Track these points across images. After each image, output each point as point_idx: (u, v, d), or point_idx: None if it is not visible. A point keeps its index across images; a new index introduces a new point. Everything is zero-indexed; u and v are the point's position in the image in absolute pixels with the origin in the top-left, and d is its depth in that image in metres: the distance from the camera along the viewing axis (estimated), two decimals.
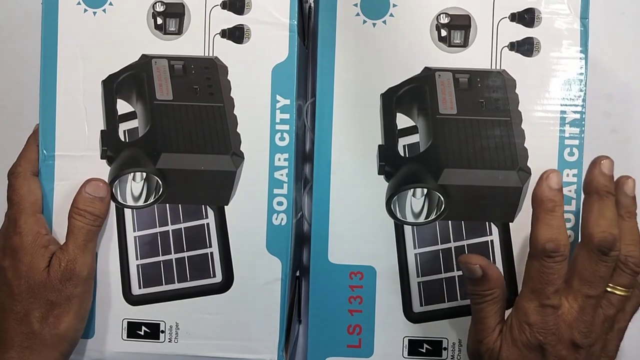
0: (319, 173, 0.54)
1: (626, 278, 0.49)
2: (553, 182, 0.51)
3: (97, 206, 0.53)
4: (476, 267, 0.50)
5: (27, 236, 0.52)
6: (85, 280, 0.53)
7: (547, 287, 0.48)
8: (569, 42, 0.53)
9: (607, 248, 0.48)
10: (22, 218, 0.53)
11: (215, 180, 0.54)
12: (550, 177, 0.51)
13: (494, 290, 0.50)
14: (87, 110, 0.54)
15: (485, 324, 0.50)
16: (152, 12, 0.54)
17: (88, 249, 0.53)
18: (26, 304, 0.51)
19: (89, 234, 0.53)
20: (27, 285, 0.51)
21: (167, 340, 0.55)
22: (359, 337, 0.55)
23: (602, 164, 0.50)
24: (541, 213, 0.50)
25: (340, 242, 0.54)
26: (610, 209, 0.49)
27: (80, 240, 0.53)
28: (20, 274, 0.52)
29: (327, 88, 0.54)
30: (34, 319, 0.51)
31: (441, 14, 0.53)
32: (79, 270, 0.52)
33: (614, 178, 0.51)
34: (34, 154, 0.54)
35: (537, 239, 0.49)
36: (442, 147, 0.53)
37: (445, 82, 0.53)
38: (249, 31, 0.53)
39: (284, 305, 0.54)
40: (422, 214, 0.54)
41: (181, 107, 0.54)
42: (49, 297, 0.51)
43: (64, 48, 0.54)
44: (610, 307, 0.49)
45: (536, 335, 0.48)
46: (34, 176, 0.54)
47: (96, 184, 0.54)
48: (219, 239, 0.54)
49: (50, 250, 0.52)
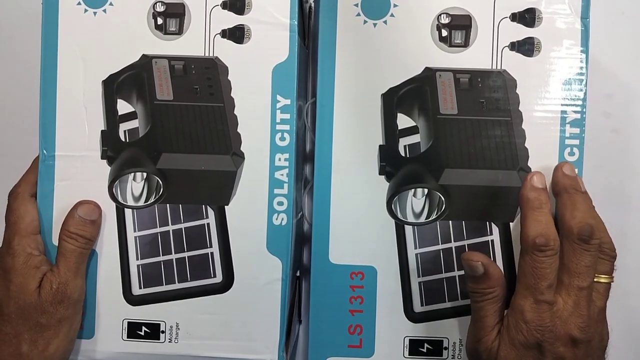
0: (319, 173, 0.54)
1: (606, 265, 0.51)
2: (537, 182, 0.52)
3: (89, 229, 0.53)
4: (478, 265, 0.50)
5: (19, 257, 0.52)
6: (75, 303, 0.53)
7: (540, 282, 0.49)
8: (569, 42, 0.53)
9: (587, 236, 0.49)
10: (15, 239, 0.53)
11: (216, 180, 0.54)
12: (534, 178, 0.52)
13: (495, 289, 0.51)
14: (87, 110, 0.54)
15: (485, 323, 0.51)
16: (153, 12, 0.54)
17: (79, 272, 0.53)
18: (15, 325, 0.51)
19: (80, 256, 0.53)
20: (17, 307, 0.51)
21: (167, 340, 0.55)
22: (360, 337, 0.55)
23: (564, 167, 0.52)
24: (529, 211, 0.51)
25: (341, 242, 0.54)
26: (582, 202, 0.51)
27: (72, 263, 0.52)
28: (10, 295, 0.52)
29: (328, 88, 0.54)
30: (22, 341, 0.51)
31: (442, 14, 0.53)
32: (70, 292, 0.52)
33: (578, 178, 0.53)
34: (34, 176, 0.54)
35: (527, 235, 0.50)
36: (442, 147, 0.53)
37: (446, 82, 0.53)
38: (250, 31, 0.53)
39: (284, 305, 0.54)
40: (423, 214, 0.54)
41: (181, 107, 0.54)
42: (39, 320, 0.51)
43: (64, 48, 0.54)
44: (600, 297, 0.50)
45: (533, 333, 0.48)
46: (31, 198, 0.54)
47: (88, 207, 0.54)
48: (219, 239, 0.54)
49: (41, 271, 0.52)
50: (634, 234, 0.64)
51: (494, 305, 0.51)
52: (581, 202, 0.51)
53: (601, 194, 0.54)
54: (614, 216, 0.53)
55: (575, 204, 0.51)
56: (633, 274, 0.63)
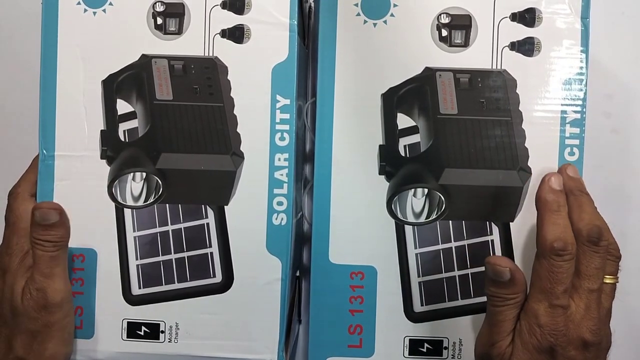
0: (319, 173, 0.54)
1: (612, 265, 0.51)
2: (555, 184, 0.51)
3: (52, 232, 0.52)
4: (505, 270, 0.49)
5: (16, 257, 0.52)
6: (60, 306, 0.52)
7: (556, 286, 0.48)
8: (569, 41, 0.53)
9: (597, 237, 0.49)
10: (14, 239, 0.52)
11: (215, 180, 0.54)
12: (552, 179, 0.52)
13: (518, 294, 0.50)
14: (87, 110, 0.54)
15: (502, 327, 0.50)
16: (152, 12, 0.54)
17: (56, 275, 0.52)
18: (11, 326, 0.51)
19: (52, 260, 0.52)
20: (10, 308, 0.51)
21: (167, 340, 0.55)
22: (360, 337, 0.55)
23: (568, 169, 0.52)
24: (546, 213, 0.50)
25: (341, 242, 0.54)
26: (588, 205, 0.51)
27: (44, 269, 0.51)
28: (4, 296, 0.52)
29: (328, 88, 0.54)
30: (17, 346, 0.51)
31: (442, 13, 0.53)
32: (51, 298, 0.51)
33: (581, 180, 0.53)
34: (34, 176, 0.54)
35: (545, 238, 0.49)
36: (442, 147, 0.53)
37: (446, 82, 0.53)
38: (249, 31, 0.53)
39: (284, 305, 0.54)
40: (423, 214, 0.54)
41: (181, 107, 0.54)
42: (28, 326, 0.51)
43: (64, 48, 0.54)
44: (607, 298, 0.50)
45: (547, 337, 0.48)
46: (31, 197, 0.54)
47: (44, 211, 0.52)
48: (219, 239, 0.54)
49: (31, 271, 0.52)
50: (634, 234, 0.64)
51: (514, 310, 0.50)
52: (587, 203, 0.51)
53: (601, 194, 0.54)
54: (614, 216, 0.53)
55: (582, 205, 0.50)
56: (633, 274, 0.63)
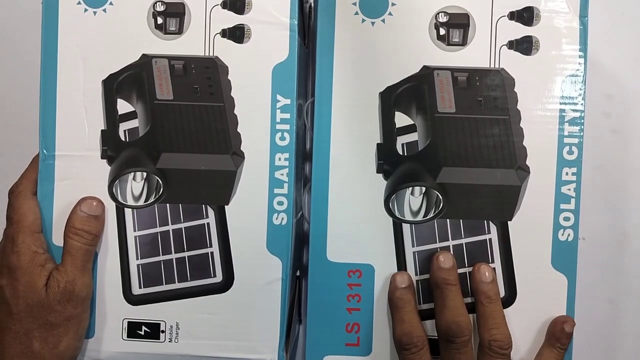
0: (317, 171, 0.54)
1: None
2: (399, 282, 0.53)
3: (94, 225, 0.53)
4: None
5: (25, 255, 0.52)
6: (83, 301, 0.53)
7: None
8: (568, 40, 0.53)
9: (453, 336, 0.51)
10: (20, 237, 0.53)
11: (216, 179, 0.54)
12: (396, 279, 0.53)
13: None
14: (87, 110, 0.54)
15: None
16: (153, 11, 0.54)
17: (86, 270, 0.53)
18: (25, 323, 0.51)
19: (87, 254, 0.53)
20: (26, 305, 0.51)
21: (167, 340, 0.55)
22: (358, 335, 0.55)
23: (440, 260, 0.53)
24: (393, 311, 0.53)
25: (338, 240, 0.54)
26: (451, 298, 0.52)
27: (79, 261, 0.53)
28: (18, 294, 0.52)
29: (326, 87, 0.54)
30: (33, 339, 0.51)
31: (440, 12, 0.53)
32: (78, 291, 0.52)
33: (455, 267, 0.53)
34: (35, 174, 0.55)
35: (393, 336, 0.53)
36: (440, 145, 0.53)
37: (444, 80, 0.53)
38: (250, 31, 0.54)
39: (285, 305, 0.54)
40: (421, 213, 0.54)
41: (181, 106, 0.54)
42: (48, 318, 0.51)
43: (64, 48, 0.54)
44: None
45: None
46: (33, 196, 0.54)
47: (91, 203, 0.54)
48: (219, 239, 0.54)
49: (47, 269, 0.52)
50: (634, 234, 0.63)
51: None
52: (451, 297, 0.52)
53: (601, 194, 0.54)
54: (614, 216, 0.53)
55: (445, 300, 0.52)
56: (633, 274, 0.63)
